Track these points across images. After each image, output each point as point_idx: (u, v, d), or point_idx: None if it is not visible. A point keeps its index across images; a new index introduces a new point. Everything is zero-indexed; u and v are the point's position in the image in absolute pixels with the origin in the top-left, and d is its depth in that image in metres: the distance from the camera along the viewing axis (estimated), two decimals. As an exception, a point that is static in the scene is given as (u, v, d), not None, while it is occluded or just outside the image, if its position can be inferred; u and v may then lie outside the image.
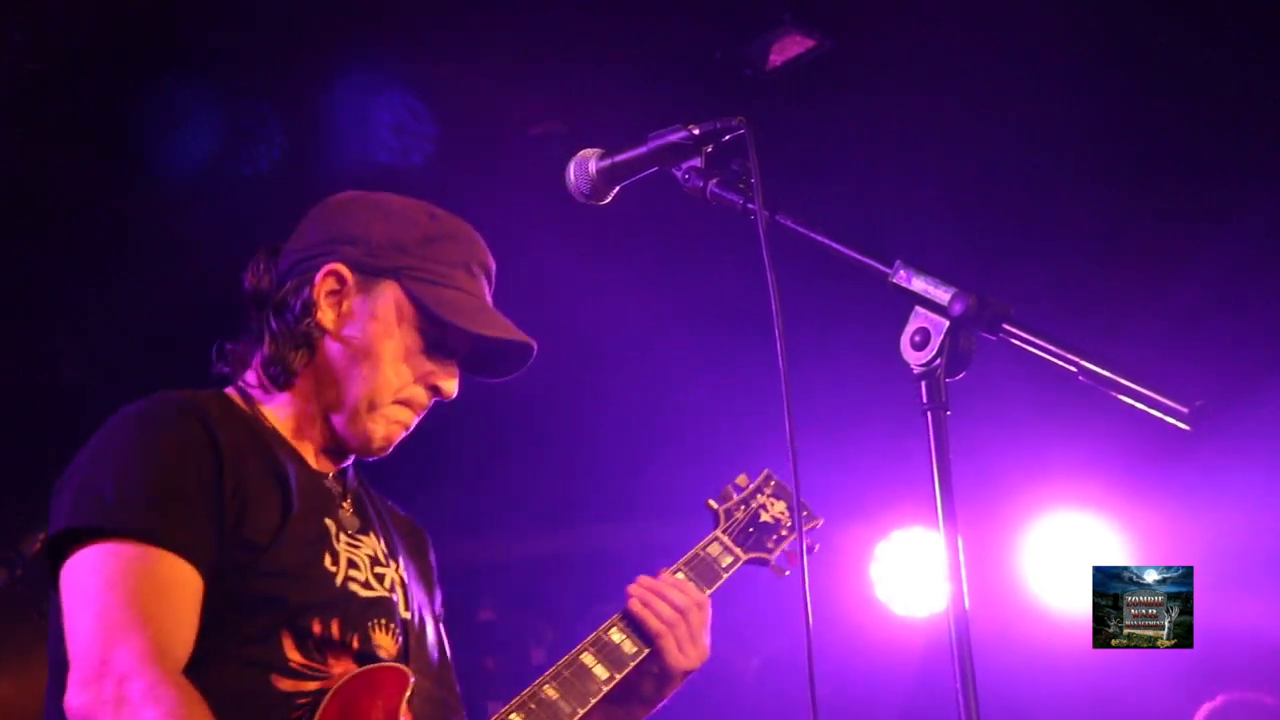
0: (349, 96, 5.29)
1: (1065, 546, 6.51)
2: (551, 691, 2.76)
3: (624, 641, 2.89)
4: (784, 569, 3.23)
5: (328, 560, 2.52)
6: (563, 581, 7.09)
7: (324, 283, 2.62)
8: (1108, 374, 2.01)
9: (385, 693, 2.49)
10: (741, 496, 3.26)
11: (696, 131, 2.46)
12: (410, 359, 2.64)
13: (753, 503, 3.26)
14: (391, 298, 2.63)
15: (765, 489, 3.30)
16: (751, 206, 2.37)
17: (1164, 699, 5.85)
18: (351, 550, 2.58)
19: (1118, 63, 5.09)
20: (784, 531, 3.24)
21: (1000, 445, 5.76)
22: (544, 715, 2.72)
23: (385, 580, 2.62)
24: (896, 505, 6.71)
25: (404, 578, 2.70)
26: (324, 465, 2.68)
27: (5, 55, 4.83)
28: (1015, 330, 2.10)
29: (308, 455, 2.65)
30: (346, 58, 5.13)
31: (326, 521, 2.57)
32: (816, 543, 3.29)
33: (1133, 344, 5.43)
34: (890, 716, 6.74)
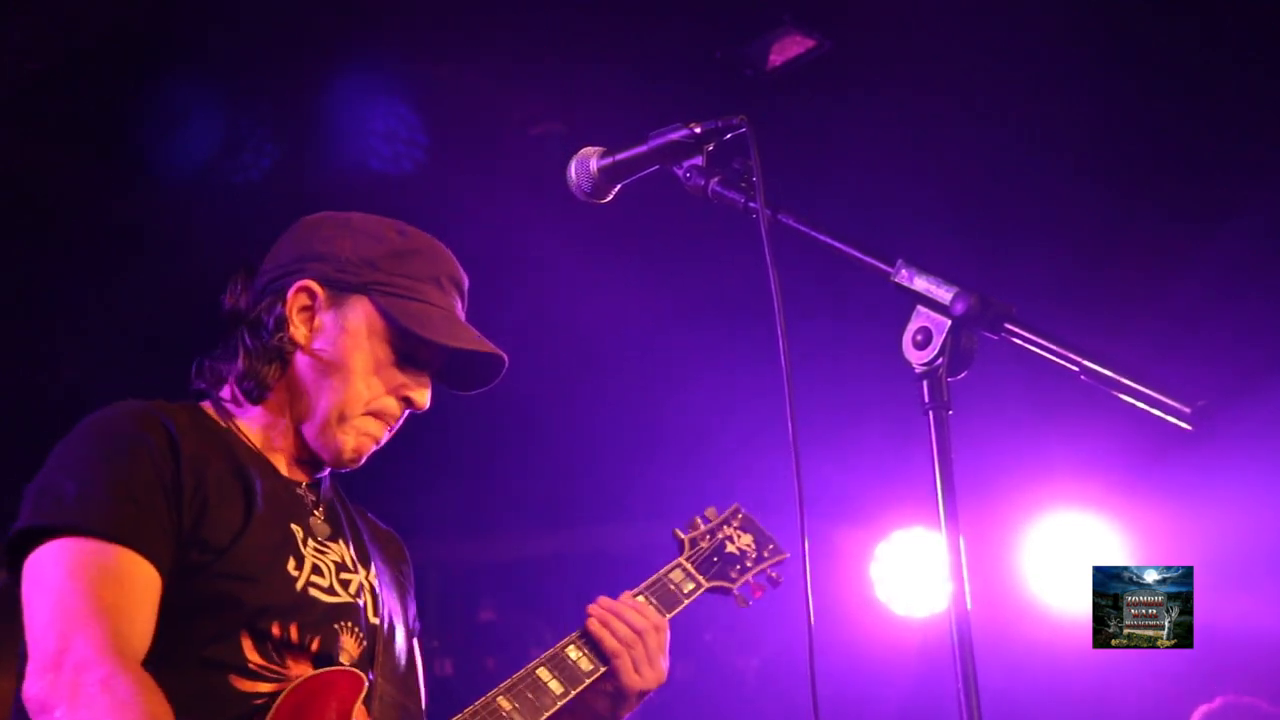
0: (349, 98, 5.29)
1: (1066, 546, 6.51)
2: (505, 703, 2.79)
3: (581, 659, 2.94)
4: (747, 599, 3.30)
5: (290, 564, 2.56)
6: (563, 582, 7.09)
7: (296, 299, 2.69)
8: (1110, 374, 2.01)
9: (339, 695, 2.53)
10: (708, 527, 3.34)
11: (698, 130, 2.46)
12: (381, 371, 2.69)
13: (719, 534, 3.33)
14: (362, 312, 2.69)
15: (733, 521, 3.38)
16: (753, 205, 2.36)
17: (1164, 699, 5.85)
18: (317, 556, 2.63)
19: (1118, 62, 5.09)
20: (749, 563, 3.32)
21: (1000, 445, 5.76)
22: None
23: (351, 586, 2.66)
24: (897, 505, 6.71)
25: (374, 585, 2.74)
26: (297, 475, 2.74)
27: (5, 55, 4.83)
28: (1017, 330, 2.09)
29: (280, 465, 2.71)
30: (347, 59, 5.13)
31: (292, 527, 2.62)
32: (781, 575, 3.36)
33: (1133, 343, 5.43)
34: (890, 716, 6.74)
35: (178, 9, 4.86)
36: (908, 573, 6.78)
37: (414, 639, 2.90)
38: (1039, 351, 2.08)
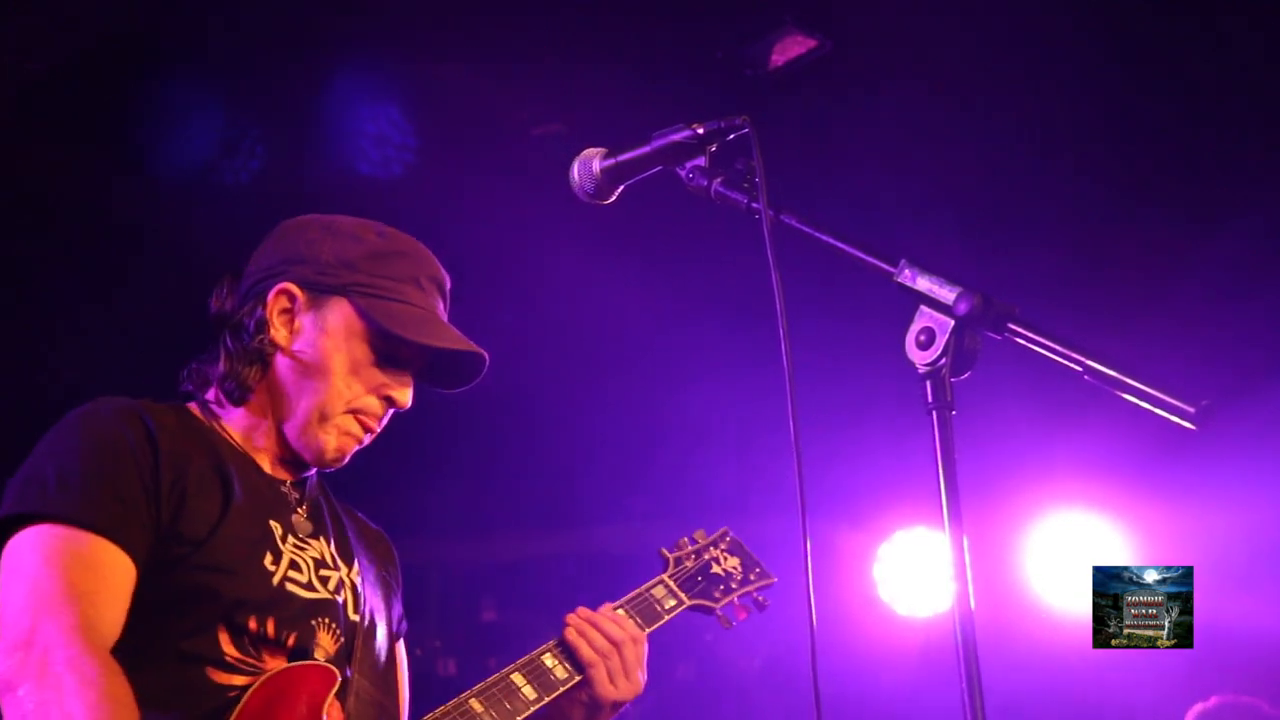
0: (351, 99, 5.29)
1: (1068, 546, 6.50)
2: (477, 705, 2.81)
3: (556, 666, 2.96)
4: (730, 620, 3.32)
5: (268, 559, 2.60)
6: (565, 582, 7.09)
7: (276, 301, 2.73)
8: (1114, 373, 2.01)
9: (310, 689, 2.56)
10: (695, 548, 3.36)
11: (700, 130, 2.46)
12: (362, 371, 2.72)
13: (705, 555, 3.35)
14: (341, 313, 2.72)
15: (720, 544, 3.40)
16: (756, 206, 2.37)
17: (1166, 699, 5.84)
18: (296, 552, 2.67)
19: (1119, 62, 5.08)
20: (733, 585, 3.34)
21: (1002, 445, 5.76)
22: None
23: (330, 583, 2.69)
24: (899, 506, 6.71)
25: (356, 582, 2.77)
26: (281, 474, 2.77)
27: (5, 55, 4.82)
28: (1021, 330, 2.09)
29: (263, 464, 2.76)
30: (349, 60, 5.12)
31: (271, 523, 2.66)
32: (767, 599, 3.38)
33: (1133, 344, 5.42)
34: (892, 716, 6.74)
35: (178, 9, 4.86)
36: (910, 573, 6.78)
37: (398, 639, 2.93)
38: (1042, 351, 2.08)
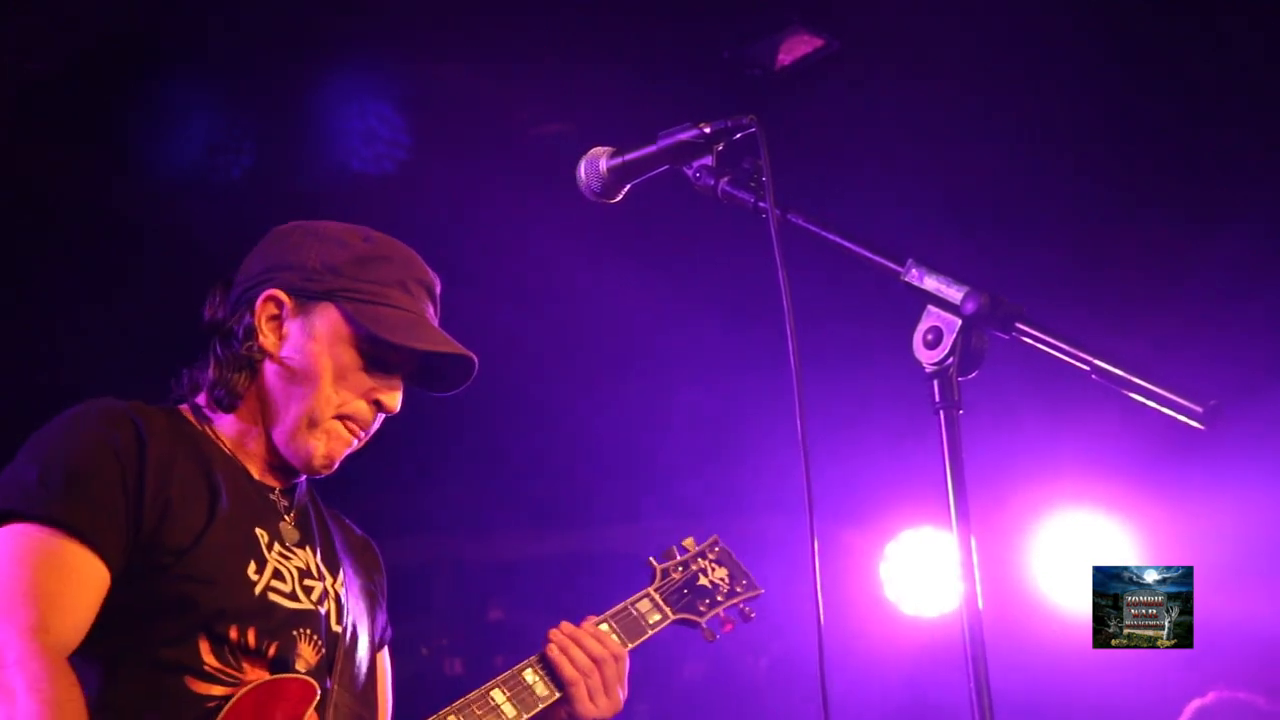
0: (353, 99, 5.29)
1: (1074, 546, 6.50)
2: None
3: (536, 683, 2.97)
4: (714, 633, 3.31)
5: (251, 568, 2.60)
6: (572, 581, 7.09)
7: (263, 308, 2.74)
8: (1121, 373, 2.00)
9: (290, 702, 2.57)
10: (683, 558, 3.35)
11: (707, 130, 2.46)
12: (350, 376, 2.72)
13: (693, 565, 3.34)
14: (329, 318, 2.73)
15: (709, 554, 3.39)
16: (763, 205, 2.36)
17: (1172, 699, 5.83)
18: (281, 561, 2.67)
19: (1126, 62, 5.08)
20: (720, 597, 3.33)
21: (1009, 444, 5.75)
22: None
23: (314, 593, 2.69)
24: (906, 505, 6.70)
25: (340, 593, 2.77)
26: (270, 480, 2.78)
27: (5, 55, 4.82)
28: (1028, 329, 2.09)
29: (253, 470, 2.76)
30: (350, 60, 5.12)
31: (258, 531, 2.67)
32: (754, 610, 3.38)
33: (1136, 344, 5.42)
34: (899, 716, 6.74)
35: (178, 9, 4.85)
36: (917, 572, 6.77)
37: (381, 649, 2.94)
38: (1050, 351, 2.07)
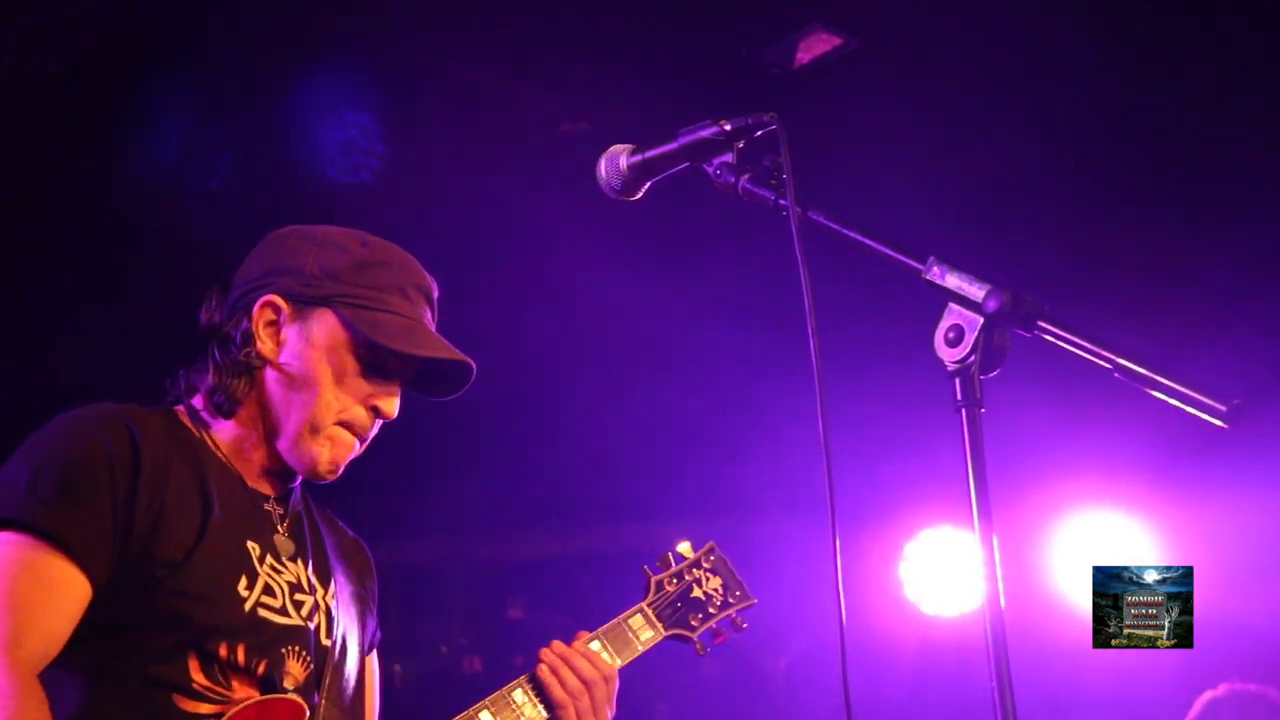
0: (361, 97, 5.30)
1: (1094, 545, 6.48)
2: None
3: (526, 704, 2.97)
4: (706, 646, 3.31)
5: (242, 584, 2.60)
6: (591, 579, 7.09)
7: (261, 314, 2.73)
8: (1144, 371, 1.99)
9: None
10: (678, 568, 3.34)
11: (728, 127, 2.45)
12: (348, 382, 2.71)
13: (687, 576, 3.33)
14: (326, 324, 2.72)
15: (704, 562, 3.37)
16: (784, 202, 2.36)
17: (1193, 696, 5.81)
18: (272, 576, 2.66)
19: (1130, 59, 5.06)
20: (712, 609, 3.32)
21: (1028, 443, 5.73)
22: None
23: (304, 608, 2.69)
24: (925, 504, 6.69)
25: (330, 606, 2.76)
26: (265, 487, 2.77)
27: (5, 55, 4.83)
28: (1050, 327, 2.08)
29: (248, 477, 2.74)
30: (356, 57, 5.12)
31: (250, 545, 2.66)
32: (746, 621, 3.37)
33: (1160, 340, 5.40)
34: (917, 715, 6.73)
35: (178, 9, 4.85)
36: (936, 572, 6.76)
37: (370, 651, 2.94)
38: (1072, 349, 2.06)
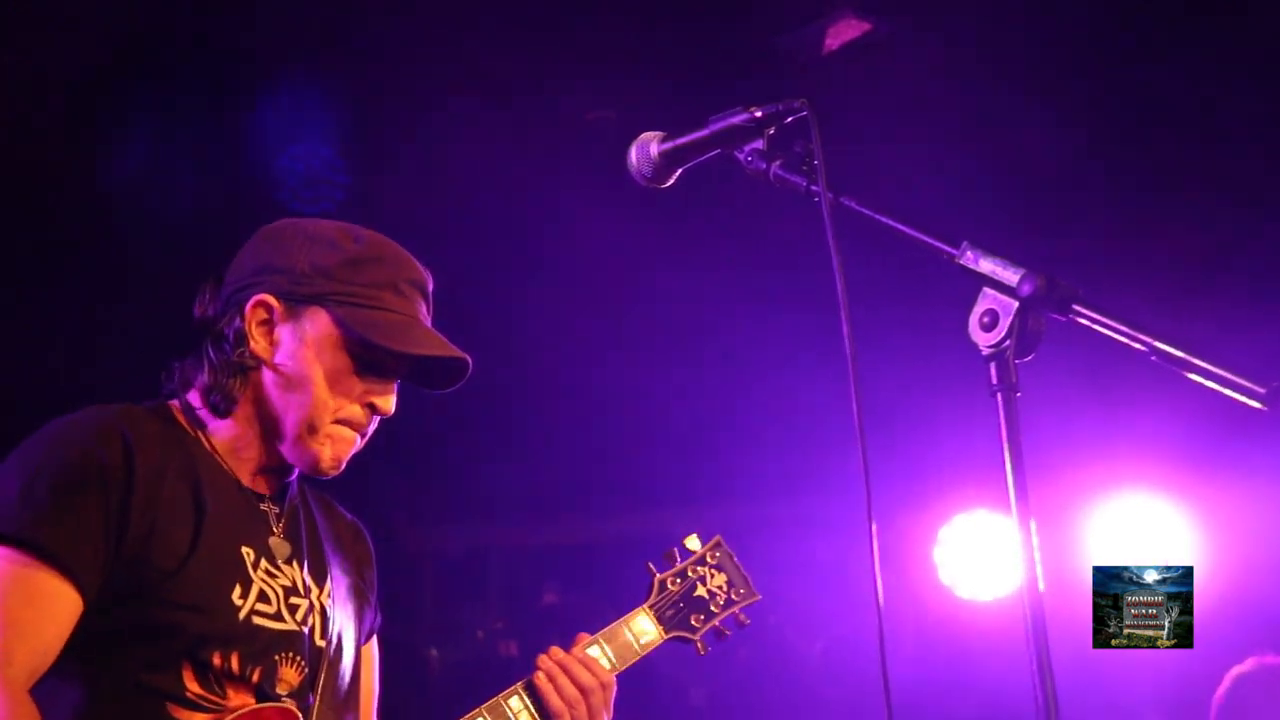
0: (362, 98, 5.30)
1: (1130, 529, 6.45)
2: None
3: (521, 712, 2.96)
4: (708, 645, 3.29)
5: (236, 592, 2.60)
6: (626, 564, 7.09)
7: (254, 313, 2.71)
8: (1182, 354, 1.98)
9: None
10: (682, 566, 3.32)
11: (758, 114, 2.44)
12: (344, 380, 2.70)
13: (691, 574, 3.31)
14: (320, 323, 2.69)
15: (710, 558, 3.35)
16: (815, 189, 2.35)
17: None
18: (267, 581, 2.66)
19: (1191, 39, 5.03)
20: (715, 608, 3.30)
21: (1063, 426, 5.71)
22: None
23: (299, 612, 2.69)
24: (960, 488, 6.67)
25: (325, 605, 2.76)
26: (262, 486, 2.76)
27: (5, 55, 4.85)
28: (1085, 311, 2.07)
29: (244, 476, 2.73)
30: (362, 57, 5.13)
31: (244, 550, 2.65)
32: (749, 617, 3.35)
33: (1197, 324, 5.36)
34: (954, 700, 6.72)
35: (178, 9, 4.86)
36: (971, 556, 6.75)
37: (368, 640, 2.94)
38: (1108, 332, 2.05)
